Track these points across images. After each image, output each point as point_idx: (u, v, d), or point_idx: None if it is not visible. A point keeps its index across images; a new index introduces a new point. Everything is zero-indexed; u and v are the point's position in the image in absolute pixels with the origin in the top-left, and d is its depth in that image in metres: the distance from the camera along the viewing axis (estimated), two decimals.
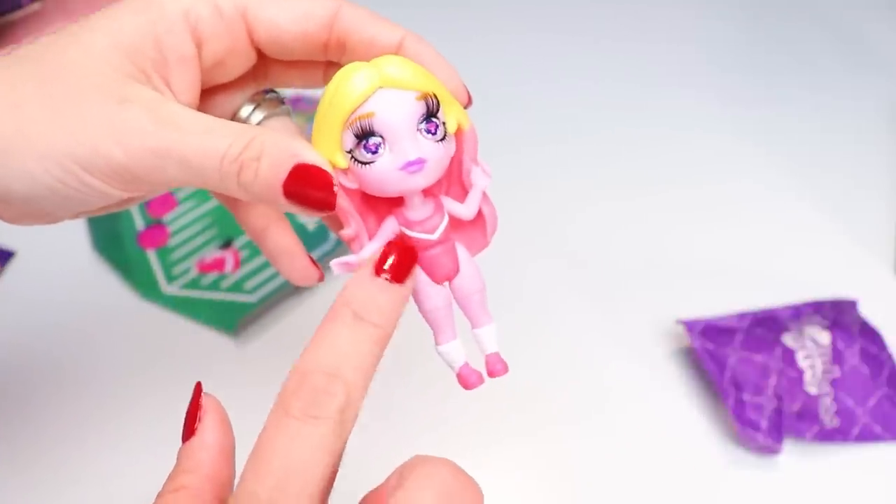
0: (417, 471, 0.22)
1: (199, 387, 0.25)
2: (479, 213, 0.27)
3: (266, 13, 0.27)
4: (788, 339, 0.49)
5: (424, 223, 0.26)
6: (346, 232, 0.26)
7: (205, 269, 0.50)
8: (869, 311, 0.50)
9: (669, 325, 0.50)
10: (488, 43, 0.70)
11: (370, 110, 0.24)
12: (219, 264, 0.51)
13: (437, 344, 0.27)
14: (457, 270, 0.27)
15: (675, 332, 0.50)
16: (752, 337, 0.48)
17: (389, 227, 0.26)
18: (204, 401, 0.25)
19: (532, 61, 0.70)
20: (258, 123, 0.30)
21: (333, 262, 0.26)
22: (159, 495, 0.23)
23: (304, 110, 0.61)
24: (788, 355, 0.48)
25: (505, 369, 0.27)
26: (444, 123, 0.25)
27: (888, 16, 0.77)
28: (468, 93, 0.28)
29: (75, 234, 0.52)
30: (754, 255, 0.56)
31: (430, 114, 0.25)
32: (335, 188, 0.25)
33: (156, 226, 0.52)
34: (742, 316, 0.48)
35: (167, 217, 0.52)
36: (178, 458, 0.24)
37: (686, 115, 0.66)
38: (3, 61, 0.26)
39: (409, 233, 0.26)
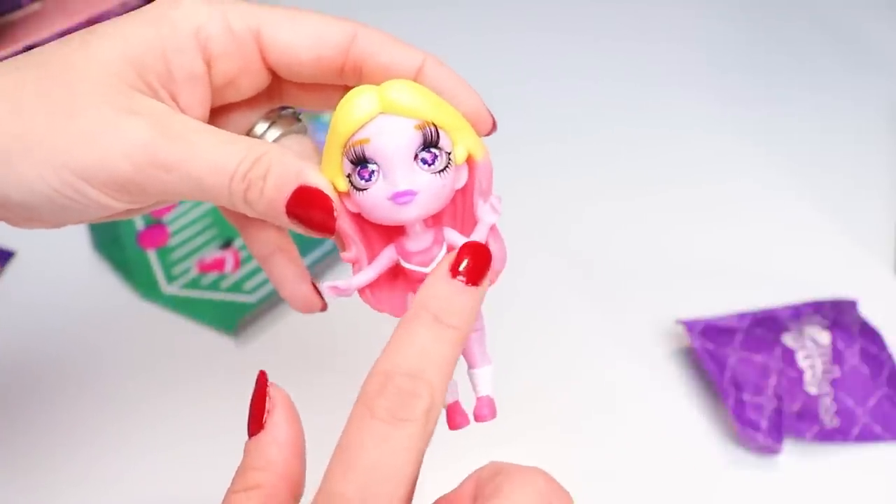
0: (514, 479, 0.22)
1: (263, 376, 0.24)
2: None
3: (280, 35, 0.26)
4: (788, 339, 0.49)
5: (421, 255, 0.25)
6: (347, 255, 0.26)
7: (205, 269, 0.50)
8: (869, 311, 0.50)
9: (669, 325, 0.50)
10: (488, 42, 0.70)
11: (366, 137, 0.24)
12: (219, 264, 0.51)
13: None
14: None
15: (675, 332, 0.50)
16: (752, 337, 0.48)
17: (387, 256, 0.26)
18: (272, 392, 0.24)
19: (532, 61, 0.70)
20: (273, 142, 0.29)
21: (324, 286, 0.26)
22: (229, 492, 0.22)
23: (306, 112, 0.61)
24: (788, 355, 0.48)
25: (492, 415, 0.26)
26: (448, 153, 0.24)
27: (888, 16, 0.77)
28: (493, 119, 0.28)
29: (75, 234, 0.52)
30: (754, 255, 0.56)
31: (429, 144, 0.24)
32: (336, 212, 0.25)
33: (156, 226, 0.52)
34: (742, 316, 0.48)
35: (167, 217, 0.52)
36: (245, 454, 0.23)
37: (686, 114, 0.66)
38: (8, 65, 0.25)
39: (403, 264, 0.26)
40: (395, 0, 0.71)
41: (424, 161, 0.24)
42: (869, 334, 0.50)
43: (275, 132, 0.30)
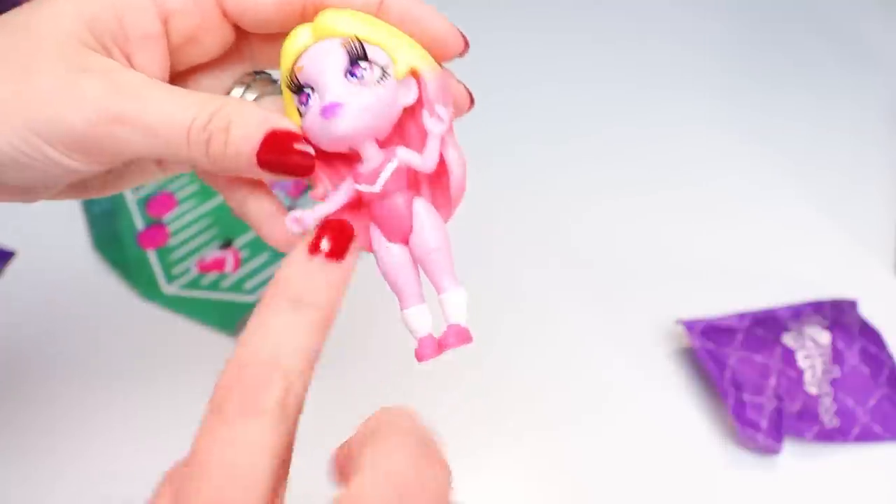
0: (384, 425, 0.21)
1: None
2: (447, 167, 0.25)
3: None
4: (788, 339, 0.49)
5: (370, 176, 0.25)
6: (315, 192, 0.26)
7: (205, 269, 0.50)
8: (869, 311, 0.50)
9: (669, 325, 0.50)
10: (487, 44, 0.70)
11: (300, 64, 0.24)
12: (219, 264, 0.51)
13: (400, 309, 0.25)
14: (410, 228, 0.25)
15: (675, 332, 0.50)
16: (752, 337, 0.48)
17: (346, 187, 0.25)
18: None
19: (531, 62, 0.70)
20: None
21: (287, 217, 0.25)
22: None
23: None
24: (788, 355, 0.48)
25: (458, 343, 0.24)
26: (382, 67, 0.24)
27: (887, 16, 0.77)
28: (465, 38, 0.27)
29: (75, 234, 0.52)
30: (754, 255, 0.56)
31: (355, 58, 0.24)
32: (311, 150, 0.24)
33: (156, 226, 0.52)
34: (742, 316, 0.48)
35: (167, 217, 0.52)
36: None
37: (686, 115, 0.66)
38: None
39: (356, 186, 0.25)
40: None
41: (353, 75, 0.24)
42: (869, 334, 0.50)
43: (250, 95, 0.29)
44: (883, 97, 0.69)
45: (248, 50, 0.29)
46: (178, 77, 0.28)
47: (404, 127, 0.26)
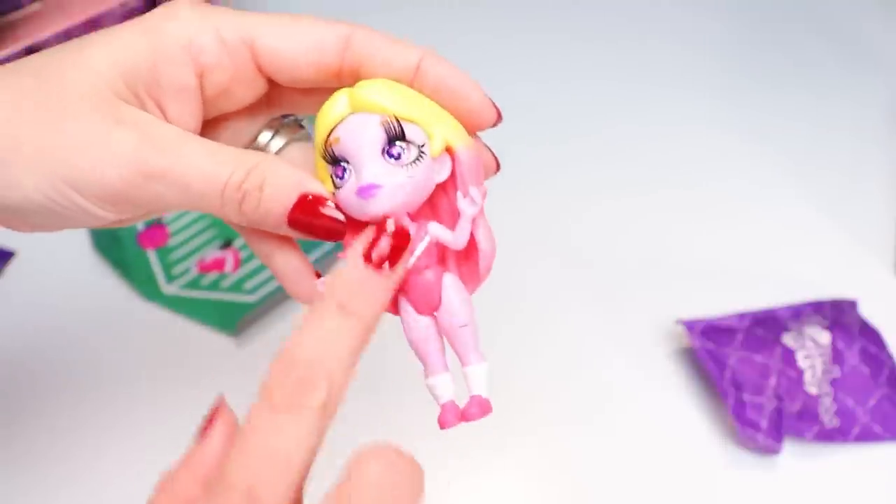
0: (359, 459, 0.22)
1: (219, 399, 0.26)
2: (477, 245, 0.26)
3: (274, 44, 0.26)
4: (788, 339, 0.49)
5: None
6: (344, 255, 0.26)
7: (205, 269, 0.50)
8: (869, 311, 0.50)
9: (669, 325, 0.50)
10: (487, 43, 0.70)
11: (337, 136, 0.24)
12: (219, 264, 0.51)
13: (424, 376, 0.26)
14: (438, 302, 0.26)
15: (675, 332, 0.50)
16: (752, 337, 0.48)
17: None
18: (219, 411, 0.25)
19: (531, 61, 0.70)
20: (278, 150, 0.29)
21: (318, 282, 0.26)
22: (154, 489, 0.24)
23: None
24: (788, 355, 0.48)
25: (481, 414, 0.25)
26: (419, 147, 0.24)
27: (887, 16, 0.77)
28: (497, 110, 0.27)
29: (75, 234, 0.52)
30: (754, 255, 0.56)
31: (393, 137, 0.24)
32: (342, 216, 0.25)
33: (156, 226, 0.52)
34: (742, 316, 0.48)
35: (167, 217, 0.52)
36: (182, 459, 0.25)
37: (686, 114, 0.66)
38: (5, 71, 0.25)
39: None
40: (390, 2, 0.71)
41: (391, 155, 0.24)
42: (869, 334, 0.50)
43: (279, 141, 0.29)
44: (883, 97, 0.69)
45: (279, 98, 0.29)
46: (208, 124, 0.28)
47: (435, 199, 0.26)
